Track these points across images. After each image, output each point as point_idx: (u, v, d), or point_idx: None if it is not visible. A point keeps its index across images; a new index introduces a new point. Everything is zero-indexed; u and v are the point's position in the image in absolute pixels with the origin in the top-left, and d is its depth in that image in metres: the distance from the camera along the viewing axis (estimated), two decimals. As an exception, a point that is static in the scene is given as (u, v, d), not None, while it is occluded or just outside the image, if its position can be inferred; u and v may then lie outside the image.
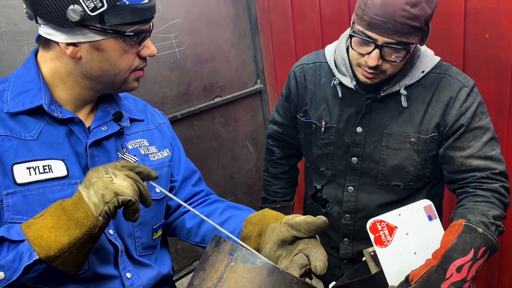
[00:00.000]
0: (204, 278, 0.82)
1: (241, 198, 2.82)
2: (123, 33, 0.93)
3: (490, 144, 1.27)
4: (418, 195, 1.37)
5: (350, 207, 1.44)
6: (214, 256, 0.83)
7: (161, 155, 1.15)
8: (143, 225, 1.09)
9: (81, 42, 0.93)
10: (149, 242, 1.11)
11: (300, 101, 1.49)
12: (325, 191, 1.50)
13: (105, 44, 0.94)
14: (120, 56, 0.96)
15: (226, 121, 2.67)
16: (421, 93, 1.31)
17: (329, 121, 1.42)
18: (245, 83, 2.72)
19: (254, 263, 0.78)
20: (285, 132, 1.61)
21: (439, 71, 1.32)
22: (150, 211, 1.09)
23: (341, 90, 1.38)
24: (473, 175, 1.27)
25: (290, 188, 1.71)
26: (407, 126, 1.32)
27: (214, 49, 2.50)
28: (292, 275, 0.78)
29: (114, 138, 1.07)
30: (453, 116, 1.28)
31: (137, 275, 1.06)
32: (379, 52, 1.19)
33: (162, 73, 2.30)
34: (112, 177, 0.84)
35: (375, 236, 1.20)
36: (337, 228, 1.49)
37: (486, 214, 1.19)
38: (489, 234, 1.13)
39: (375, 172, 1.38)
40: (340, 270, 1.52)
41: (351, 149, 1.39)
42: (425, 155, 1.33)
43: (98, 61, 0.95)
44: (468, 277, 1.10)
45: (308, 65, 1.48)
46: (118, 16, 0.91)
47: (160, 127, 1.20)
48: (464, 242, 1.11)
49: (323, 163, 1.47)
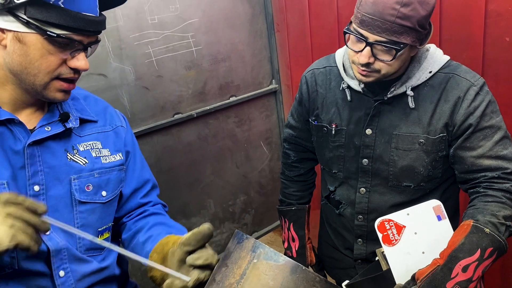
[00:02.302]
0: (226, 274, 0.82)
1: (253, 198, 2.82)
2: (45, 31, 0.90)
3: (502, 143, 1.26)
4: (431, 196, 1.36)
5: (363, 208, 1.44)
6: (236, 253, 0.84)
7: (113, 159, 1.15)
8: (86, 227, 1.08)
9: (7, 30, 0.91)
10: (92, 244, 1.10)
11: (312, 105, 1.51)
12: (338, 193, 1.51)
13: (28, 38, 0.91)
14: (41, 55, 0.93)
15: (241, 121, 2.68)
16: (429, 93, 1.31)
17: (339, 124, 1.43)
18: (260, 83, 2.73)
19: (277, 260, 0.79)
20: (299, 136, 1.63)
21: (447, 71, 1.31)
22: (93, 213, 1.09)
23: (350, 93, 1.40)
24: (484, 175, 1.26)
25: (306, 191, 1.73)
26: (416, 127, 1.32)
27: (230, 49, 2.52)
28: (315, 274, 0.78)
29: (62, 138, 1.06)
30: (461, 116, 1.27)
31: (76, 273, 1.06)
32: (370, 49, 1.20)
33: (179, 72, 2.31)
34: None
35: (383, 235, 1.22)
36: (351, 229, 1.50)
37: (496, 214, 1.18)
38: (497, 235, 1.13)
39: (386, 173, 1.38)
40: (354, 270, 1.52)
41: (362, 151, 1.40)
42: (434, 156, 1.32)
43: (19, 54, 0.92)
44: (474, 277, 1.10)
45: (319, 69, 1.51)
46: (42, 13, 0.88)
47: (117, 130, 1.19)
48: (471, 242, 1.12)
49: (335, 165, 1.48)
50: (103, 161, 1.12)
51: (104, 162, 1.12)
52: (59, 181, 1.04)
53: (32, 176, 1.00)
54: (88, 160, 1.09)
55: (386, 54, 1.21)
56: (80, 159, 1.08)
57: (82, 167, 1.08)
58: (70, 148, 1.07)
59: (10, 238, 0.78)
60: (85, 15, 0.92)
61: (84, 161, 1.09)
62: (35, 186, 1.01)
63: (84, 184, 1.08)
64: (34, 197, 1.00)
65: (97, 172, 1.10)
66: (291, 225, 1.69)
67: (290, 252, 1.69)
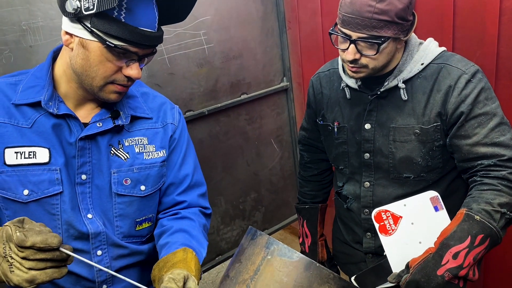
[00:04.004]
0: (240, 270, 0.83)
1: (264, 195, 2.83)
2: (104, 41, 1.01)
3: (499, 130, 1.25)
4: (436, 187, 1.36)
5: (368, 201, 1.47)
6: (250, 249, 0.84)
7: (156, 155, 1.23)
8: (123, 217, 1.19)
9: (74, 35, 1.04)
10: (130, 232, 1.22)
11: (319, 106, 1.59)
12: (345, 188, 1.56)
13: (90, 45, 1.03)
14: (100, 62, 1.04)
15: (252, 118, 2.68)
16: (422, 84, 1.33)
17: (341, 122, 1.49)
18: (272, 81, 2.73)
19: (291, 257, 0.79)
20: (311, 137, 1.71)
21: (440, 61, 1.33)
22: (131, 205, 1.19)
23: (349, 91, 1.46)
24: (480, 163, 1.26)
25: (321, 191, 1.78)
26: (411, 118, 1.34)
27: (242, 46, 2.52)
28: (329, 271, 0.79)
29: (110, 134, 1.17)
30: (452, 104, 1.28)
31: (112, 253, 1.18)
32: (354, 47, 1.25)
33: (191, 69, 2.32)
34: (11, 265, 0.85)
35: (379, 225, 1.26)
36: (359, 223, 1.53)
37: (490, 202, 1.18)
38: (487, 222, 1.15)
39: (386, 166, 1.41)
40: (365, 264, 1.55)
41: (363, 146, 1.44)
42: (430, 145, 1.34)
43: (81, 57, 1.05)
44: (464, 264, 1.12)
45: (323, 72, 1.60)
46: (104, 25, 0.99)
47: (166, 127, 1.27)
48: (462, 230, 1.14)
49: (341, 161, 1.54)
50: (145, 157, 1.21)
51: (145, 158, 1.21)
52: (102, 173, 1.16)
53: (81, 166, 1.13)
54: (130, 155, 1.19)
55: (370, 49, 1.26)
56: (122, 154, 1.18)
57: (123, 162, 1.18)
58: (116, 143, 1.18)
59: (28, 282, 0.86)
60: (143, 30, 1.03)
61: (126, 156, 1.19)
62: (82, 175, 1.14)
63: (123, 178, 1.18)
64: (82, 185, 1.14)
65: (136, 167, 1.19)
66: (305, 222, 1.75)
67: (303, 247, 1.75)
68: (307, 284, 0.77)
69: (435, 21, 1.94)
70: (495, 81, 1.81)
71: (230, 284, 0.83)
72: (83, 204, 1.15)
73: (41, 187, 1.09)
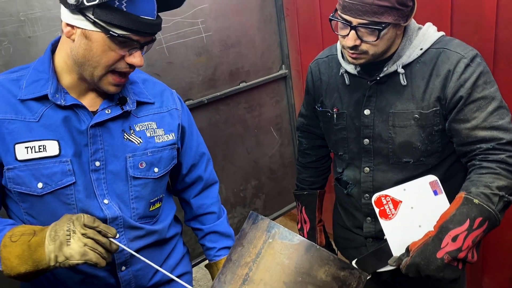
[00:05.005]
0: (242, 253, 0.85)
1: (264, 183, 2.85)
2: (108, 31, 1.03)
3: (498, 114, 1.26)
4: (435, 172, 1.38)
5: (368, 187, 1.48)
6: (252, 233, 0.86)
7: (166, 138, 1.28)
8: (139, 199, 1.24)
9: (76, 27, 1.05)
10: (145, 213, 1.27)
11: (317, 93, 1.58)
12: (345, 174, 1.56)
13: (93, 35, 1.05)
14: (103, 51, 1.06)
15: (251, 106, 2.69)
16: (421, 69, 1.34)
17: (340, 108, 1.49)
18: (270, 69, 2.73)
19: (292, 240, 0.81)
20: (310, 124, 1.71)
21: (439, 46, 1.34)
22: (146, 187, 1.25)
23: (348, 77, 1.46)
24: (479, 147, 1.27)
25: (320, 177, 1.79)
26: (410, 103, 1.35)
27: (240, 34, 2.51)
28: (329, 253, 0.80)
29: (120, 120, 1.19)
30: (451, 89, 1.28)
31: (129, 235, 1.23)
32: (355, 33, 1.26)
33: (189, 58, 2.32)
34: (70, 237, 0.99)
35: (380, 210, 1.28)
36: (360, 208, 1.54)
37: (489, 185, 1.20)
38: (485, 205, 1.16)
39: (386, 151, 1.42)
40: (365, 248, 1.57)
41: (362, 132, 1.45)
42: (430, 130, 1.34)
43: (84, 48, 1.06)
44: (463, 246, 1.14)
45: (322, 59, 1.59)
46: (108, 15, 1.01)
47: (172, 112, 1.31)
48: (461, 213, 1.16)
49: (340, 147, 1.54)
50: (156, 140, 1.26)
51: (157, 142, 1.25)
52: (116, 158, 1.20)
53: (94, 153, 1.16)
54: (143, 140, 1.23)
55: (370, 35, 1.25)
56: (135, 138, 1.22)
57: (137, 146, 1.22)
58: (127, 128, 1.21)
59: (80, 255, 0.98)
60: (144, 18, 1.05)
61: (139, 141, 1.23)
62: (96, 162, 1.17)
63: (138, 162, 1.22)
64: (96, 172, 1.18)
65: (150, 151, 1.24)
66: (303, 209, 1.76)
67: (302, 233, 1.76)
68: (308, 265, 0.79)
69: (433, 6, 1.94)
70: (493, 65, 1.82)
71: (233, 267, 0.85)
72: (98, 190, 1.18)
73: (55, 179, 1.12)
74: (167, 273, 1.02)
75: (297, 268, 0.79)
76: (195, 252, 2.48)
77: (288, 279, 0.78)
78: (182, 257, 1.45)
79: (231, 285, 0.83)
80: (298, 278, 0.78)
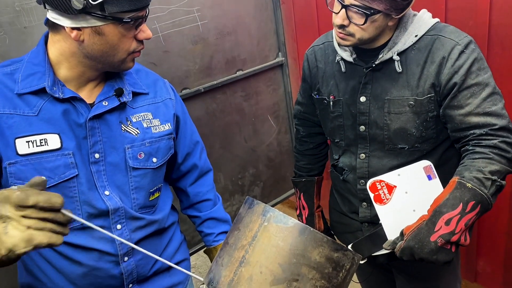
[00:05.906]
0: (239, 237, 0.87)
1: (262, 171, 2.86)
2: (121, 19, 1.04)
3: (491, 100, 1.27)
4: (430, 157, 1.40)
5: (363, 173, 1.50)
6: (248, 217, 0.88)
7: (162, 128, 1.29)
8: (139, 189, 1.25)
9: (84, 27, 1.04)
10: (145, 203, 1.28)
11: (314, 80, 1.59)
12: (341, 160, 1.59)
13: (105, 29, 1.05)
14: (119, 39, 1.08)
15: (248, 95, 2.69)
16: (416, 56, 1.34)
17: (337, 95, 1.51)
18: (267, 56, 2.73)
19: (286, 223, 0.83)
20: (306, 111, 1.72)
21: (433, 33, 1.34)
22: (145, 177, 1.26)
23: (344, 65, 1.47)
24: (472, 133, 1.29)
25: (316, 164, 1.81)
26: (405, 90, 1.36)
27: (236, 22, 2.51)
28: (323, 235, 0.82)
29: (117, 112, 1.20)
30: (446, 75, 1.30)
31: (131, 225, 1.24)
32: (345, 12, 1.27)
33: (185, 46, 2.32)
34: (6, 225, 0.78)
35: (374, 195, 1.30)
36: (355, 194, 1.56)
37: (482, 170, 1.22)
38: (478, 189, 1.18)
39: (381, 137, 1.43)
40: (361, 233, 1.59)
41: (358, 118, 1.46)
42: (425, 116, 1.36)
43: (99, 44, 1.07)
44: (456, 229, 1.17)
45: (318, 46, 1.59)
46: (117, 5, 1.01)
47: (166, 102, 1.32)
48: (454, 197, 1.18)
49: (336, 134, 1.56)
50: (153, 130, 1.26)
51: (154, 132, 1.26)
52: (115, 150, 1.21)
53: (93, 146, 1.17)
54: (140, 130, 1.24)
55: (359, 18, 1.26)
56: (132, 129, 1.23)
57: (134, 137, 1.22)
58: (124, 120, 1.22)
59: (26, 242, 0.78)
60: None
61: (136, 132, 1.23)
62: (95, 154, 1.17)
63: (137, 153, 1.23)
64: (96, 164, 1.18)
65: (148, 141, 1.25)
66: (302, 195, 1.78)
67: (301, 219, 1.80)
68: (302, 247, 0.81)
69: (428, -8, 1.94)
70: (488, 49, 1.83)
71: (230, 250, 0.87)
72: (99, 182, 1.19)
73: (57, 172, 1.13)
74: (168, 262, 0.96)
75: (291, 250, 0.81)
76: (194, 239, 2.51)
77: (283, 260, 0.80)
78: (180, 245, 1.47)
79: (229, 267, 0.85)
80: (292, 260, 0.80)
